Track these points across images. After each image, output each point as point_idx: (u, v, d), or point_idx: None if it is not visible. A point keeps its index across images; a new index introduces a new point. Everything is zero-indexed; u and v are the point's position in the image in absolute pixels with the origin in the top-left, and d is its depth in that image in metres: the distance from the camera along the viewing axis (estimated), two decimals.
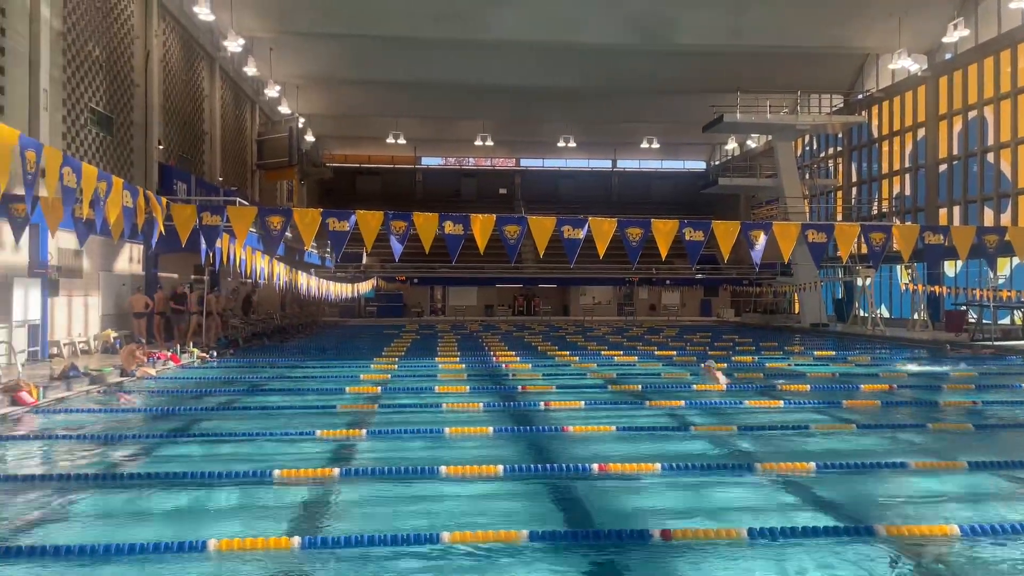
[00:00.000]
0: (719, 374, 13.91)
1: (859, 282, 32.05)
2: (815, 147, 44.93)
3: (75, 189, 8.49)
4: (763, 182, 39.96)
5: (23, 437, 9.39)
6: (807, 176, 41.67)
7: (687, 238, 10.51)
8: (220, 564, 5.14)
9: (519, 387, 13.63)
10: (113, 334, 20.00)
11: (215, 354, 18.96)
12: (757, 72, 35.07)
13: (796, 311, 38.64)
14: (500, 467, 7.51)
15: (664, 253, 10.48)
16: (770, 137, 38.12)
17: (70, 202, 8.57)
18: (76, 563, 5.12)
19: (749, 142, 49.83)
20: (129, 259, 22.90)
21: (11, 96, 16.71)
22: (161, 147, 25.13)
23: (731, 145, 51.82)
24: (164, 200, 11.22)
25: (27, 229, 12.27)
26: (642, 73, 36.76)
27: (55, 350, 17.75)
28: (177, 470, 7.49)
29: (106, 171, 10.38)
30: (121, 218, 9.92)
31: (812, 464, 7.60)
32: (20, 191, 11.50)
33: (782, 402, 12.00)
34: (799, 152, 43.78)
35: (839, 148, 41.63)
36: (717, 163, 54.95)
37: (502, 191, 59.08)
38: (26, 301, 16.54)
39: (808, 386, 13.65)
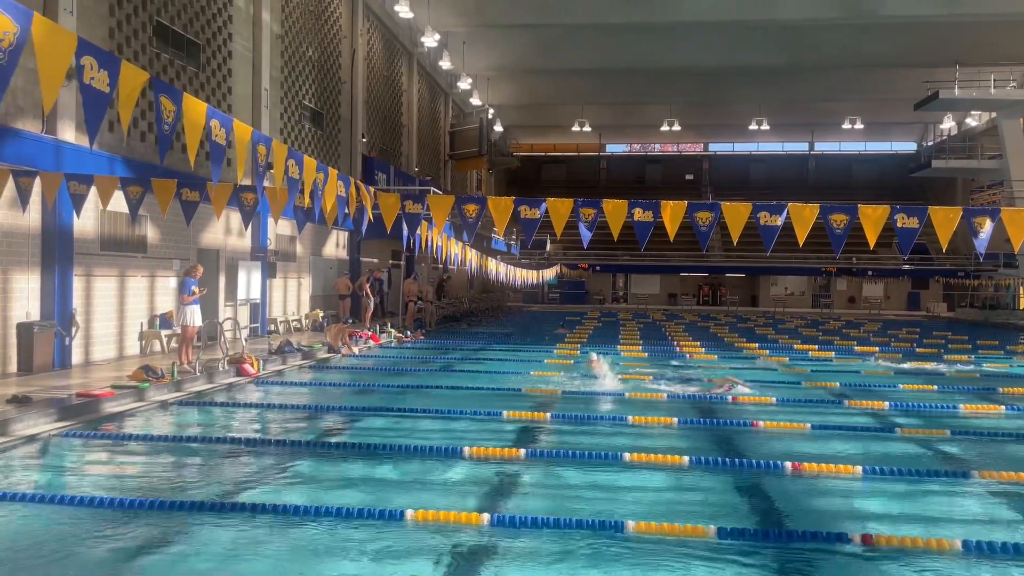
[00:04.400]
0: (602, 366, 13.00)
1: None
2: None
3: (298, 180, 9.26)
4: (985, 164, 36.35)
5: (246, 405, 10.45)
6: None
7: (899, 225, 9.62)
8: (415, 533, 5.46)
9: (704, 378, 13.31)
10: (321, 314, 21.71)
11: (409, 334, 20.09)
12: (978, 43, 31.62)
13: (1022, 307, 34.72)
14: (685, 458, 7.39)
15: (872, 241, 9.67)
16: (994, 114, 34.44)
17: (294, 192, 9.36)
18: (286, 521, 5.61)
19: (968, 120, 45.21)
20: (336, 245, 24.70)
21: (237, 96, 18.47)
22: (364, 140, 26.81)
23: (947, 124, 47.22)
24: (372, 189, 11.98)
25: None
26: (843, 48, 34.27)
27: (272, 327, 19.54)
28: (377, 442, 8.02)
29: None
30: (335, 206, 10.73)
31: None
32: (248, 182, 12.73)
33: (1003, 407, 10.87)
34: None
35: None
36: (930, 143, 50.33)
37: (688, 177, 57.60)
38: (248, 282, 18.34)
39: None
